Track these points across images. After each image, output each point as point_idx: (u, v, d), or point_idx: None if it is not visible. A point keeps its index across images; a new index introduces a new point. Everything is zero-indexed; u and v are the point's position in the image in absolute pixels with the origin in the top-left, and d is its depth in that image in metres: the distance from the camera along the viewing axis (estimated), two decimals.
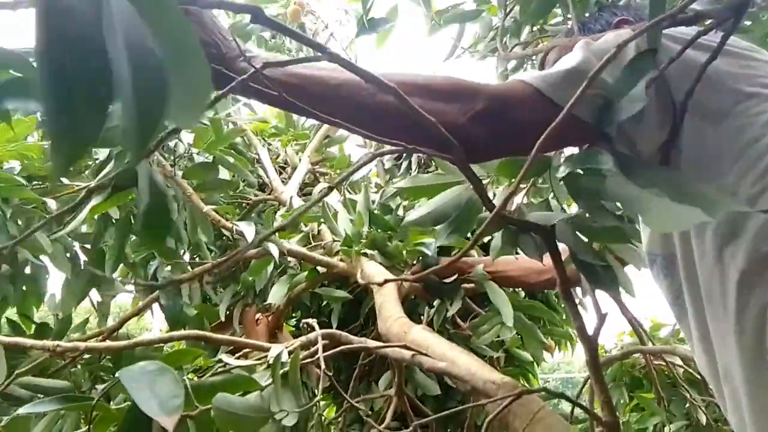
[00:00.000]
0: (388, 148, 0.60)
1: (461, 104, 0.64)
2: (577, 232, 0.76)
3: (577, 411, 1.36)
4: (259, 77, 0.56)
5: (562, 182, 0.68)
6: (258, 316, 1.56)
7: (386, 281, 1.23)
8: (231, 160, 1.36)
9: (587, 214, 0.73)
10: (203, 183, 1.35)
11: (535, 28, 1.59)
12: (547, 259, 0.72)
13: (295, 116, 2.34)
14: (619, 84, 0.63)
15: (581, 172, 0.66)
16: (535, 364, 2.09)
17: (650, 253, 0.79)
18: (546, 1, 0.76)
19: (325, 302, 1.79)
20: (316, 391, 1.02)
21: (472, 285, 1.54)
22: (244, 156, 1.97)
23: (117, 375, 0.58)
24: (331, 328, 1.60)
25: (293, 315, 2.03)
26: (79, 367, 1.27)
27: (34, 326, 1.39)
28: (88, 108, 0.27)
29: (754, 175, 0.62)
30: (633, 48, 0.67)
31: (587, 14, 0.96)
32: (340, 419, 1.73)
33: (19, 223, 1.27)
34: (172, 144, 1.43)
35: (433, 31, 1.66)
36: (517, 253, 1.14)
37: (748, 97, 0.65)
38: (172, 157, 1.33)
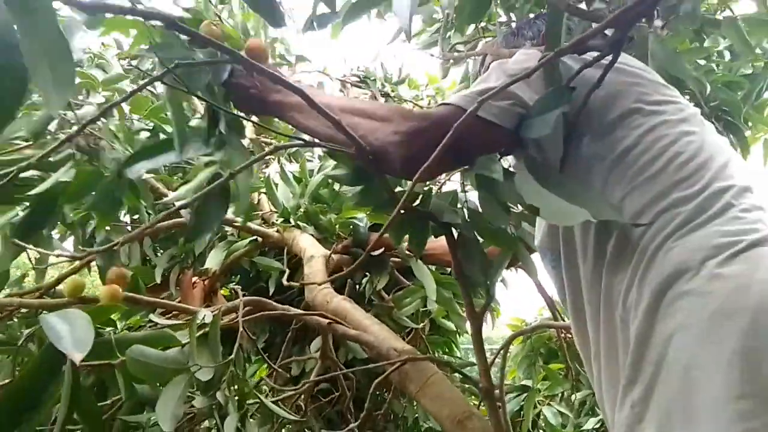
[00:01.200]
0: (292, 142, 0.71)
1: (395, 124, 0.77)
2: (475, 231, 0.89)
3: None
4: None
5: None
6: (194, 279, 1.63)
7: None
8: (169, 128, 1.40)
9: (481, 209, 0.85)
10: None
11: (480, 26, 1.65)
12: None
13: None
14: (537, 104, 0.74)
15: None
16: (458, 334, 2.26)
17: (541, 247, 0.90)
18: (480, 6, 0.84)
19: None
20: (242, 353, 1.12)
21: (399, 260, 1.65)
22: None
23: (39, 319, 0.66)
24: (269, 293, 1.69)
25: (232, 279, 2.11)
26: (15, 320, 1.32)
27: None
28: None
29: (624, 180, 0.72)
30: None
31: (522, 20, 1.03)
32: (270, 379, 1.84)
33: None
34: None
35: (381, 16, 1.71)
36: None
37: (631, 112, 0.75)
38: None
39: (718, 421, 0.53)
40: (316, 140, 0.82)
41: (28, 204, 0.99)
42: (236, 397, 0.97)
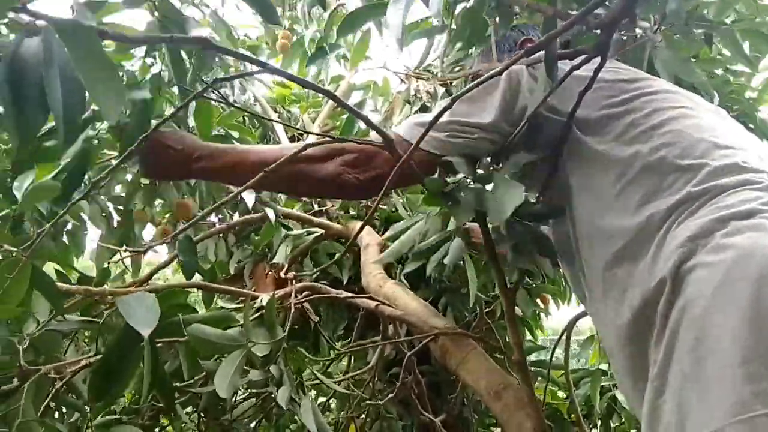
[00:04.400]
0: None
1: (336, 162, 0.88)
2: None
3: None
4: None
5: None
6: (267, 270, 1.77)
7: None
8: (236, 134, 1.54)
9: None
10: None
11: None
12: None
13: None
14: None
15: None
16: (538, 317, 2.27)
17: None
18: (480, 28, 0.90)
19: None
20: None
21: None
22: (262, 123, 2.15)
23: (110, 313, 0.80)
24: (342, 283, 1.80)
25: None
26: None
27: (78, 276, 1.64)
28: (31, 113, 0.51)
29: (612, 182, 0.75)
30: (526, 77, 0.84)
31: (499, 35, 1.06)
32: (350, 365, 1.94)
33: None
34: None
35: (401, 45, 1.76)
36: None
37: (600, 119, 0.79)
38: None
39: (728, 385, 0.54)
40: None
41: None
42: (292, 372, 1.07)
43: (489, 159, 0.93)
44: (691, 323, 0.60)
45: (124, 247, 1.59)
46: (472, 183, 0.83)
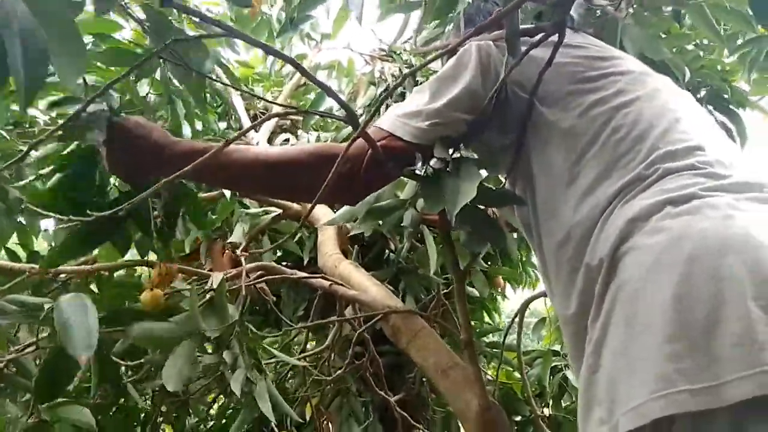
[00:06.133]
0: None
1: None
2: None
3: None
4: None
5: None
6: (224, 249, 1.75)
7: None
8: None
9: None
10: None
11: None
12: None
13: (269, 63, 2.46)
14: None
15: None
16: (495, 300, 2.31)
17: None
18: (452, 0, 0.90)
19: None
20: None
21: None
22: (224, 100, 2.12)
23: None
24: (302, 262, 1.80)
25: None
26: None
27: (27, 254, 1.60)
28: None
29: (572, 159, 0.76)
30: (495, 50, 0.84)
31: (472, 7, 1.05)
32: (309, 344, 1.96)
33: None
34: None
35: (380, 19, 1.74)
36: None
37: (568, 94, 0.79)
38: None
39: (654, 362, 0.56)
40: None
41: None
42: (246, 354, 1.06)
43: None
44: (624, 303, 0.62)
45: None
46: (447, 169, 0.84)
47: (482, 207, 0.90)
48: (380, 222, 1.07)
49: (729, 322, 0.54)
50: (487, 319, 2.33)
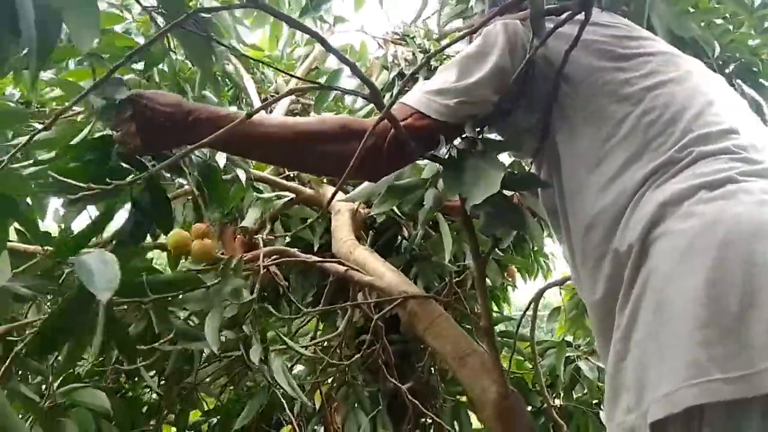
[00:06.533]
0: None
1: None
2: None
3: None
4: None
5: None
6: (236, 234, 1.73)
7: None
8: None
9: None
10: None
11: None
12: None
13: (281, 45, 2.44)
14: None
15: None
16: (505, 290, 2.29)
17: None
18: None
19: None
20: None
21: None
22: (235, 84, 2.09)
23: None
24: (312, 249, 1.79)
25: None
26: None
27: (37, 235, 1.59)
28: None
29: (597, 143, 0.74)
30: (522, 28, 0.81)
31: None
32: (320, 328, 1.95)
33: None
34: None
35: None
36: None
37: (593, 71, 0.77)
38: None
39: (685, 348, 0.55)
40: None
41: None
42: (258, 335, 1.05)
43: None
44: (655, 288, 0.61)
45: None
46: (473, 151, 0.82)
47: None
48: (397, 204, 1.05)
49: (763, 308, 0.53)
50: (496, 309, 2.32)
